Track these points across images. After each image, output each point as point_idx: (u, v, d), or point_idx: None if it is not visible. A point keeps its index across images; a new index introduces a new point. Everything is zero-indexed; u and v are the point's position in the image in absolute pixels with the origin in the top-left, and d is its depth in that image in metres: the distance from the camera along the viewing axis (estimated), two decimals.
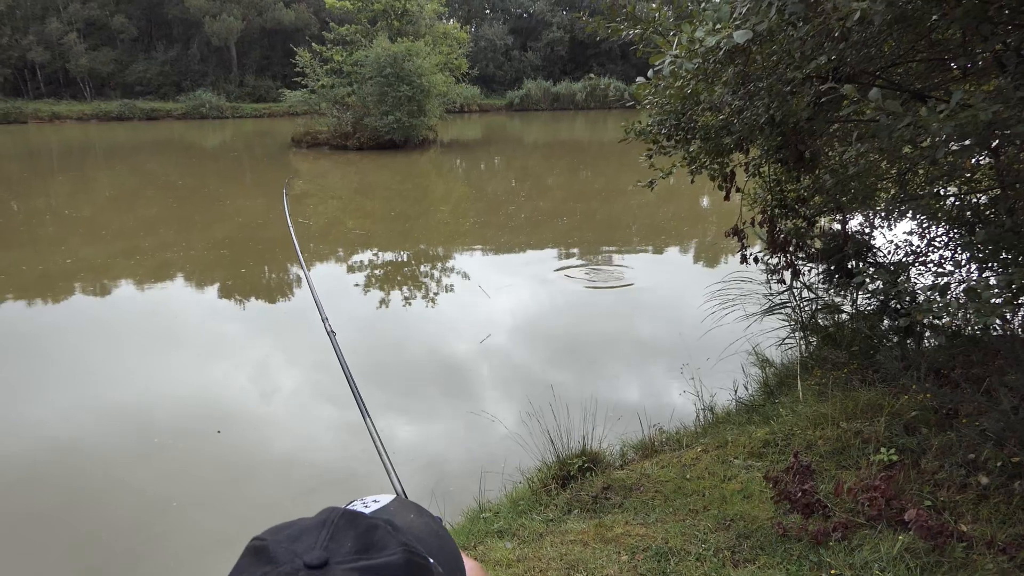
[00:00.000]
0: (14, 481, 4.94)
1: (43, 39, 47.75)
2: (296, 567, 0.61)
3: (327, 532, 0.66)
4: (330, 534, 0.65)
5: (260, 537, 0.66)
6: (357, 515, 0.69)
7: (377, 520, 0.69)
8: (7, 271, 10.58)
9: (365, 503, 0.87)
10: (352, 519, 0.68)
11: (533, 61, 56.60)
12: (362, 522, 0.68)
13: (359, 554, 0.63)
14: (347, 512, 0.69)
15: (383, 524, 0.68)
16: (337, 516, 0.68)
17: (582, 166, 24.73)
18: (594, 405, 4.47)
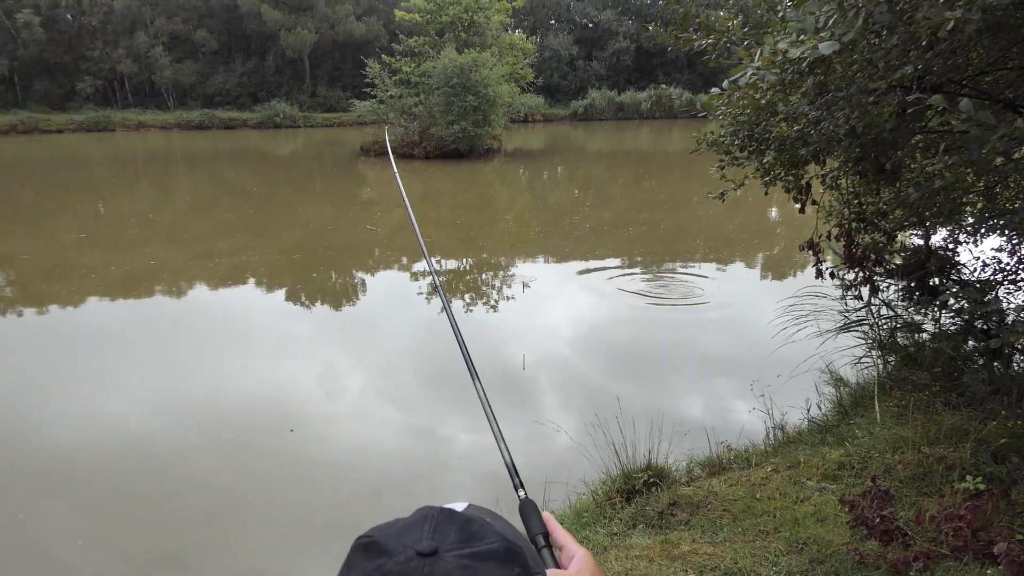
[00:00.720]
0: (97, 469, 5.20)
1: (131, 52, 50.47)
2: (409, 556, 0.66)
3: (430, 526, 0.71)
4: (434, 527, 0.71)
5: (366, 535, 0.72)
6: (454, 511, 0.75)
7: (472, 515, 0.75)
8: (96, 271, 11.18)
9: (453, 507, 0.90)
10: (451, 514, 0.74)
11: (598, 71, 56.47)
12: (460, 517, 0.74)
13: (463, 543, 0.69)
14: (445, 509, 0.75)
15: (478, 518, 0.74)
16: (437, 512, 0.74)
17: (646, 176, 24.50)
18: (660, 419, 4.40)
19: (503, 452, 1.49)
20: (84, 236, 14.17)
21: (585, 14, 59.56)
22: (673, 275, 10.60)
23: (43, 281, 10.83)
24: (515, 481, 1.46)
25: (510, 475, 1.43)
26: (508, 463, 1.51)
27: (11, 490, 4.96)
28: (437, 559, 0.66)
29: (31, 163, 29.45)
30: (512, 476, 1.44)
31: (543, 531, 1.05)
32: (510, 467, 1.47)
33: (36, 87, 49.28)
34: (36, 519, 4.62)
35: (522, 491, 1.39)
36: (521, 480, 1.41)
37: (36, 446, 5.55)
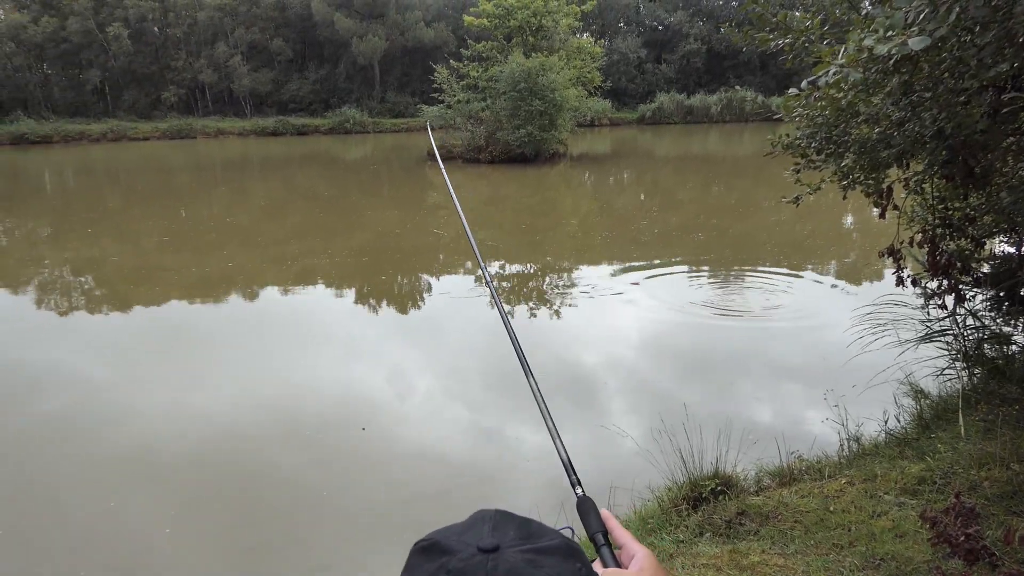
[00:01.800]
0: (183, 461, 5.46)
1: (212, 62, 52.78)
2: (471, 552, 0.68)
3: (490, 525, 0.73)
4: (493, 526, 0.73)
5: (425, 538, 0.73)
6: (510, 512, 0.76)
7: (529, 518, 0.77)
8: (178, 271, 11.73)
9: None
10: (508, 515, 0.76)
11: (667, 73, 55.78)
12: (517, 517, 0.75)
13: (523, 540, 0.70)
14: (501, 510, 0.77)
15: (535, 520, 0.76)
16: (494, 512, 0.76)
17: (715, 181, 24.04)
18: (728, 427, 4.32)
19: (558, 448, 1.49)
20: (167, 239, 14.89)
21: (655, 16, 58.94)
22: (743, 281, 10.36)
23: (129, 282, 11.44)
24: (572, 478, 1.45)
25: (567, 472, 1.43)
26: (564, 459, 1.50)
27: (104, 478, 5.26)
28: (500, 554, 0.67)
29: (119, 170, 31.14)
30: (569, 473, 1.43)
31: (602, 529, 1.05)
32: (566, 463, 1.46)
33: (125, 97, 52.12)
34: (127, 507, 4.88)
35: (579, 489, 1.38)
36: (578, 478, 1.40)
37: (127, 438, 5.86)
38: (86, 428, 6.12)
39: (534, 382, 1.76)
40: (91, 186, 26.26)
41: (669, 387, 6.45)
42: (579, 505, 1.30)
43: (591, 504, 1.25)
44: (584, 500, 1.28)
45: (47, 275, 12.20)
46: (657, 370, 7.05)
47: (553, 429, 1.54)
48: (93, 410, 6.50)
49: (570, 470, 1.44)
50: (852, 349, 5.52)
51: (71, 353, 8.16)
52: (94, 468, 5.43)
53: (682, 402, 5.15)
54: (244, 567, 4.26)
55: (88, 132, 45.47)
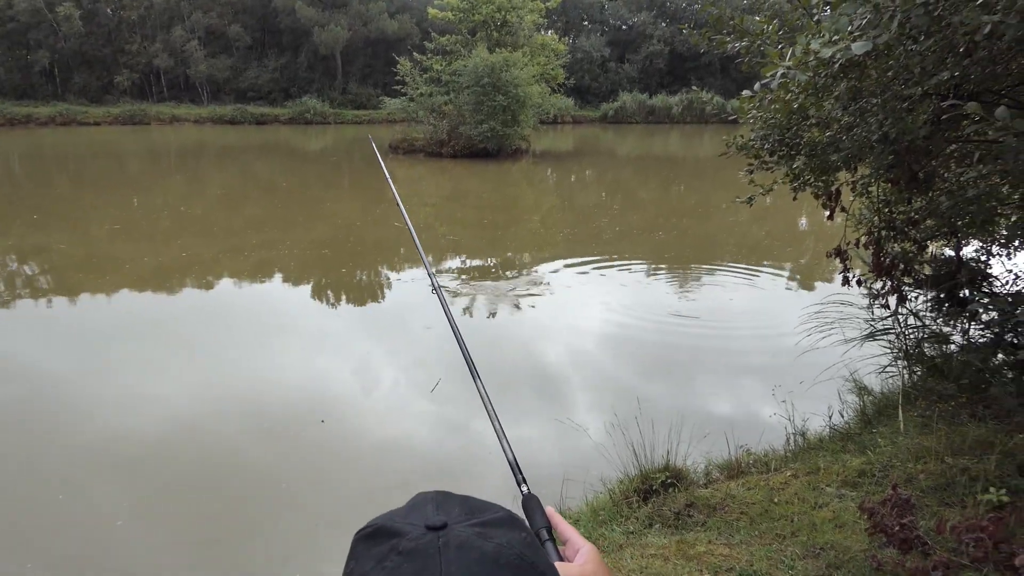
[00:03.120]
0: (141, 452, 5.33)
1: (168, 46, 51.41)
2: (421, 532, 0.68)
3: (432, 505, 0.73)
4: (436, 506, 0.73)
5: (367, 525, 0.73)
6: (450, 492, 0.77)
7: (468, 495, 0.77)
8: (130, 261, 11.43)
9: None
10: (449, 494, 0.76)
11: (630, 73, 56.30)
12: (457, 495, 0.76)
13: (469, 515, 0.71)
14: (441, 491, 0.77)
15: (474, 497, 0.77)
16: (435, 494, 0.76)
17: (676, 181, 24.38)
18: (680, 421, 4.41)
19: (505, 448, 1.52)
20: (118, 227, 14.48)
21: (619, 16, 59.43)
22: (700, 280, 10.55)
23: (80, 271, 11.09)
24: (518, 477, 1.50)
25: (512, 471, 1.46)
26: (510, 459, 1.54)
27: (56, 470, 5.10)
28: (449, 530, 0.67)
29: (68, 155, 30.15)
30: (515, 472, 1.48)
31: (546, 525, 1.06)
32: (512, 463, 1.50)
33: (75, 80, 50.39)
34: (78, 499, 4.74)
35: (525, 487, 1.42)
36: (524, 476, 1.44)
37: (81, 429, 5.70)
38: (38, 419, 5.93)
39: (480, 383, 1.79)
40: (38, 171, 25.36)
41: (624, 382, 6.54)
42: (524, 502, 1.33)
43: (536, 501, 1.28)
44: (529, 497, 1.30)
45: None
46: (613, 366, 7.14)
47: (499, 429, 1.57)
48: (46, 401, 6.29)
49: (516, 468, 1.48)
50: (800, 346, 5.68)
51: (20, 343, 7.89)
52: (46, 459, 5.27)
53: (636, 397, 5.24)
54: (202, 559, 4.19)
55: (35, 115, 43.90)
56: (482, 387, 1.75)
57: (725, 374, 6.73)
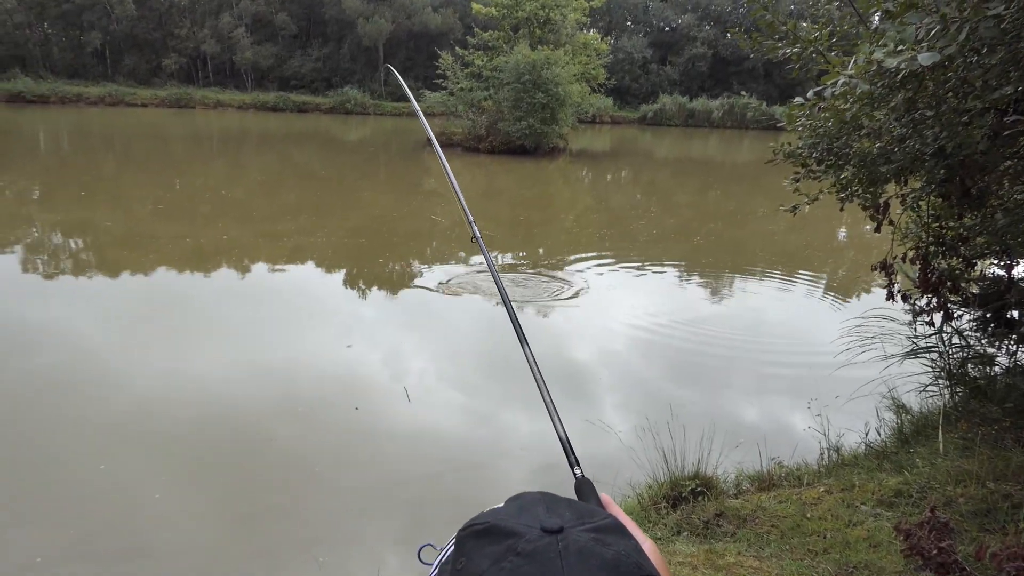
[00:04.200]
0: (178, 427, 5.46)
1: (216, 32, 52.25)
2: (538, 534, 0.66)
3: (543, 507, 0.72)
4: (546, 507, 0.72)
5: (478, 522, 0.72)
6: (555, 494, 0.76)
7: (571, 499, 0.77)
8: (171, 241, 11.66)
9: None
10: (555, 496, 0.75)
11: (671, 75, 55.75)
12: (563, 498, 0.75)
13: (580, 520, 0.70)
14: (545, 492, 0.76)
15: (576, 500, 0.77)
16: (540, 495, 0.75)
17: (713, 186, 24.10)
18: (711, 429, 4.35)
19: (557, 428, 1.47)
20: (162, 207, 14.79)
21: (663, 17, 58.86)
22: (734, 287, 10.42)
23: (120, 248, 11.35)
24: (571, 458, 1.43)
25: (565, 452, 1.41)
26: (563, 439, 1.48)
27: (97, 440, 5.24)
28: (567, 535, 0.66)
29: (115, 135, 30.84)
30: (567, 453, 1.42)
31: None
32: (565, 443, 1.44)
33: (125, 62, 51.49)
34: (119, 470, 4.86)
35: (578, 469, 1.36)
36: (577, 458, 1.38)
37: (121, 401, 5.84)
38: (81, 389, 6.10)
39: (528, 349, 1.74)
40: (86, 149, 26.02)
41: (655, 387, 6.50)
42: (578, 486, 1.29)
43: (591, 486, 1.24)
44: (583, 481, 1.26)
45: (37, 236, 12.10)
46: (644, 370, 7.09)
47: (551, 405, 1.52)
48: (87, 372, 6.48)
49: (569, 450, 1.42)
50: (838, 360, 5.57)
51: (62, 314, 8.11)
52: (88, 429, 5.41)
53: (668, 402, 5.20)
54: (236, 536, 4.27)
55: (86, 94, 44.94)
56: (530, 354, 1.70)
57: (758, 384, 6.65)
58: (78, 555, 4.00)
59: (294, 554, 4.10)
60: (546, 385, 1.60)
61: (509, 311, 1.85)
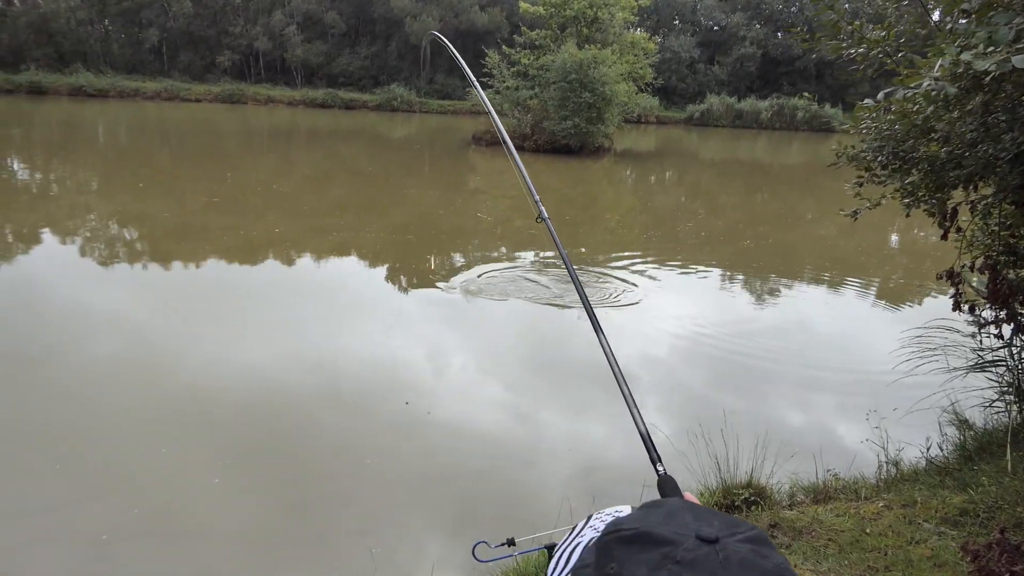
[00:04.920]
0: (232, 415, 5.59)
1: (268, 30, 53.32)
2: (695, 543, 0.65)
3: (690, 515, 0.70)
4: (694, 516, 0.70)
5: (624, 528, 0.70)
6: (695, 503, 0.77)
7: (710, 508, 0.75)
8: (224, 233, 11.93)
9: (618, 511, 0.90)
10: (697, 505, 0.75)
11: (719, 75, 54.91)
12: (702, 506, 0.74)
13: (731, 529, 0.68)
14: (685, 500, 0.80)
15: (715, 510, 0.74)
16: (682, 502, 0.75)
17: (761, 188, 23.65)
18: (765, 437, 4.26)
19: (638, 423, 1.44)
20: (216, 200, 15.14)
21: (712, 16, 58.02)
22: (782, 292, 10.21)
23: (174, 239, 11.66)
24: (653, 455, 1.40)
25: (647, 448, 1.38)
26: (644, 434, 1.45)
27: (156, 424, 5.38)
28: (724, 545, 0.65)
29: (170, 129, 31.69)
30: (649, 450, 1.38)
31: None
32: (647, 439, 1.41)
33: (181, 58, 52.89)
34: (177, 455, 4.99)
35: (660, 466, 1.33)
36: (659, 454, 1.35)
37: (177, 387, 5.99)
38: (138, 373, 6.28)
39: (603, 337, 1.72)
40: (142, 142, 26.80)
41: (709, 391, 6.40)
42: (660, 484, 1.26)
43: (674, 484, 1.21)
44: (666, 479, 1.23)
45: (96, 225, 12.49)
46: (693, 374, 6.98)
47: (631, 400, 1.50)
48: (144, 357, 6.66)
49: (650, 445, 1.39)
50: (897, 371, 5.39)
51: (117, 301, 8.36)
52: (146, 414, 5.55)
53: (721, 408, 5.10)
54: (289, 522, 4.34)
55: (143, 89, 46.32)
56: (606, 342, 1.69)
57: (811, 393, 6.48)
58: (142, 533, 4.12)
59: (347, 543, 4.16)
60: (626, 381, 1.59)
61: (585, 304, 1.85)
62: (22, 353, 6.54)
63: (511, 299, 9.02)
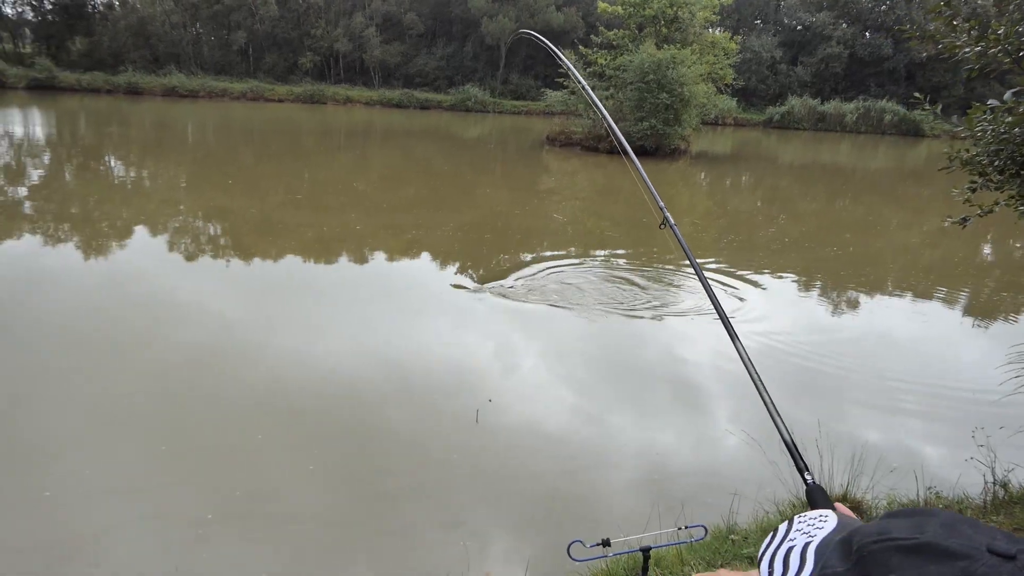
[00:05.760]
0: (314, 405, 5.76)
1: (348, 32, 54.77)
2: (993, 560, 0.60)
3: (969, 527, 0.65)
4: (972, 527, 0.65)
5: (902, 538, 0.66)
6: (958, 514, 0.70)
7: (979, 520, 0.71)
8: (302, 229, 12.32)
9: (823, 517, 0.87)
10: (959, 515, 0.69)
11: (801, 76, 53.13)
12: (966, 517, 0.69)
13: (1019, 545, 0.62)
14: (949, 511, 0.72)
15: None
16: (950, 512, 0.69)
17: (843, 194, 22.78)
18: (862, 451, 4.10)
19: (781, 431, 1.41)
20: (299, 197, 15.65)
21: (795, 16, 56.22)
22: (868, 302, 9.80)
23: (255, 234, 12.11)
24: (799, 463, 1.36)
25: (792, 456, 1.34)
26: (788, 442, 1.41)
27: (246, 413, 5.60)
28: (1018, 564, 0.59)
29: (254, 128, 32.94)
30: (795, 457, 1.35)
31: None
32: (791, 447, 1.37)
33: (265, 59, 54.93)
34: (270, 442, 5.18)
35: (808, 475, 1.29)
36: (806, 463, 1.31)
37: (259, 377, 6.22)
38: (227, 362, 6.56)
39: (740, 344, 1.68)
40: (228, 141, 27.96)
41: (796, 402, 6.16)
42: (809, 493, 1.22)
43: (822, 493, 1.17)
44: (815, 489, 1.19)
45: (184, 219, 13.10)
46: (782, 383, 6.75)
47: (772, 407, 1.46)
48: (231, 346, 6.95)
49: (795, 452, 1.35)
50: (1005, 387, 5.10)
51: (206, 292, 8.75)
52: (237, 401, 5.80)
53: (815, 418, 4.93)
54: (378, 512, 4.44)
55: (230, 90, 48.33)
56: (743, 349, 1.65)
57: (917, 406, 6.18)
58: (243, 514, 4.29)
59: (438, 534, 4.21)
60: (765, 386, 1.55)
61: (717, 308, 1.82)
62: (124, 340, 6.90)
63: (580, 302, 8.97)
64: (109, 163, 20.07)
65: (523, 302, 8.77)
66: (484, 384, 6.35)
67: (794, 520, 0.90)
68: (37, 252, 10.10)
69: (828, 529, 0.82)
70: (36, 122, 29.17)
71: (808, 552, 0.78)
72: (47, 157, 20.07)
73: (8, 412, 5.30)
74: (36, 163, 18.64)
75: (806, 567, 0.77)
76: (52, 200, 13.95)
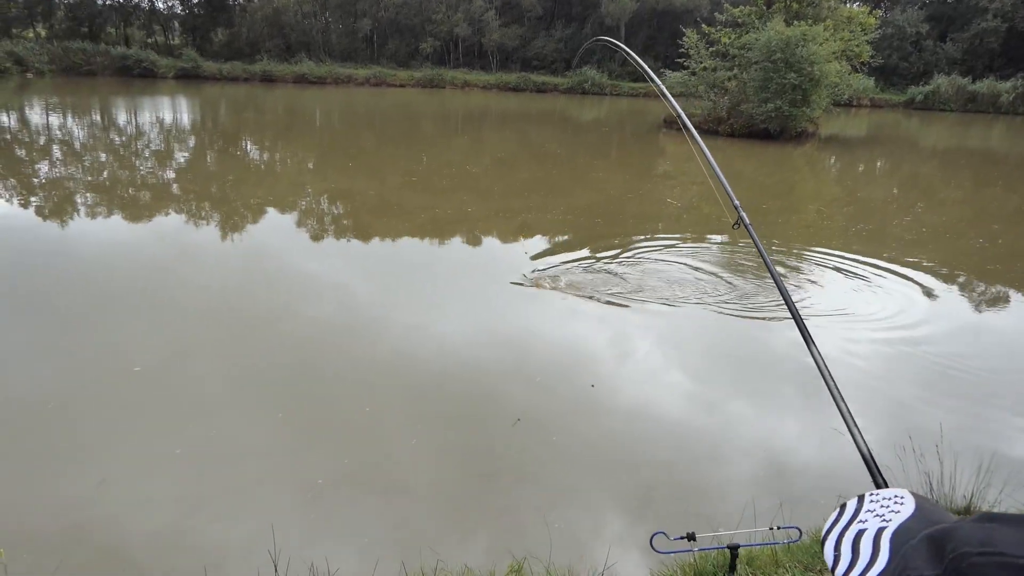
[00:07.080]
0: (427, 383, 5.93)
1: (468, 16, 55.63)
2: None
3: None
4: None
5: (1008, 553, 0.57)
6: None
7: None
8: (421, 210, 12.67)
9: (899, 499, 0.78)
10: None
11: (950, 53, 48.78)
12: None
13: None
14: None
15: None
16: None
17: (993, 182, 20.75)
18: (991, 460, 3.73)
19: (858, 442, 1.35)
20: (415, 180, 16.11)
21: None
22: (1019, 302, 8.88)
23: (374, 214, 12.57)
24: (877, 478, 1.31)
25: (870, 471, 1.30)
26: (865, 455, 1.36)
27: (363, 386, 5.87)
28: None
29: (376, 113, 34.17)
30: (872, 470, 1.30)
31: None
32: (869, 460, 1.33)
33: (388, 45, 56.88)
34: (379, 413, 5.40)
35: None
36: (884, 477, 1.26)
37: (380, 352, 6.49)
38: (349, 337, 6.88)
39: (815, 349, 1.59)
40: (352, 125, 29.17)
41: (921, 404, 5.69)
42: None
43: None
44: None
45: (310, 200, 13.80)
46: (906, 383, 6.26)
47: (848, 416, 1.39)
48: (352, 322, 7.28)
49: (873, 465, 1.29)
50: None
51: (330, 269, 9.21)
52: (356, 374, 6.07)
53: (937, 422, 4.54)
54: (478, 489, 4.53)
55: (355, 76, 50.42)
56: (818, 353, 1.56)
57: None
58: (351, 482, 4.50)
59: (529, 514, 4.22)
60: (843, 396, 1.46)
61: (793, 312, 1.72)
62: (259, 314, 7.36)
63: (695, 294, 8.69)
64: (245, 147, 21.47)
65: (635, 292, 8.60)
66: (597, 369, 6.32)
67: (865, 498, 0.81)
68: (181, 229, 10.97)
69: (906, 514, 0.73)
70: (183, 109, 31.63)
71: (882, 540, 0.69)
72: (191, 141, 21.72)
73: (154, 378, 5.80)
74: (182, 147, 20.23)
75: (879, 558, 0.68)
76: (196, 181, 15.10)
